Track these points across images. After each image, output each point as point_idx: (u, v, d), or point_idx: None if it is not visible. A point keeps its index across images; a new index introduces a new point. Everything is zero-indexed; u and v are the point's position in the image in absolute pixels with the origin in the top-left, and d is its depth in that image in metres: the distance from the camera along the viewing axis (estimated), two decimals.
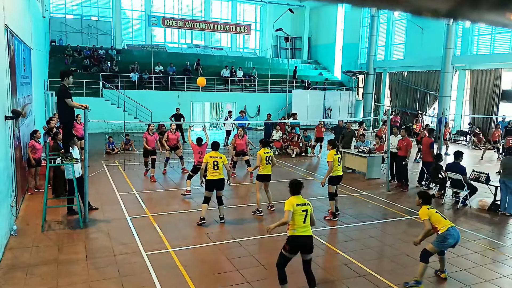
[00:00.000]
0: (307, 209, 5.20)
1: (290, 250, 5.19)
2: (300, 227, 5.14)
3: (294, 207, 5.15)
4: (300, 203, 5.21)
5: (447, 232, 5.79)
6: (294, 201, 5.23)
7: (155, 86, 23.85)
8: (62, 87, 7.69)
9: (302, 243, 5.17)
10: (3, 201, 6.79)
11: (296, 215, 5.15)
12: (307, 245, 5.20)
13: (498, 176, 12.53)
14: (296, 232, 5.14)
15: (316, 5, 32.26)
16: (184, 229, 7.98)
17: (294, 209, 5.14)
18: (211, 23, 30.92)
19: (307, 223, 5.18)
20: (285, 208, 5.20)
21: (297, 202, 5.21)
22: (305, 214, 5.17)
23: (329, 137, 16.81)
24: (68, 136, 8.10)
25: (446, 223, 5.88)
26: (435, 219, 5.90)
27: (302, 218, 5.15)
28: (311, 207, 5.28)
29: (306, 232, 5.18)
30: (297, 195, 5.33)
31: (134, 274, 6.04)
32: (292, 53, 33.80)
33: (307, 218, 5.19)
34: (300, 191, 5.35)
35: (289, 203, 5.20)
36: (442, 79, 21.78)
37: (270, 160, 8.87)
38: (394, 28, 26.83)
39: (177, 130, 13.38)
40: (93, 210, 8.69)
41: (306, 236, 5.17)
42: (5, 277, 5.83)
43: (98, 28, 27.44)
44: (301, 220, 5.15)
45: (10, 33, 8.18)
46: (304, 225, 5.15)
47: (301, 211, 5.16)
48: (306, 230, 5.18)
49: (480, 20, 1.38)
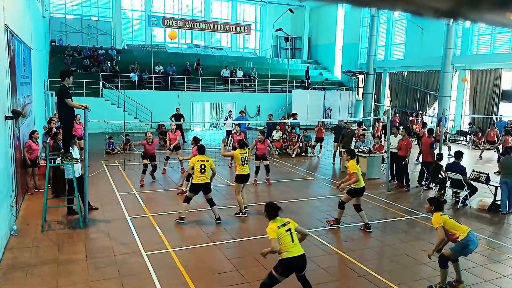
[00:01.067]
0: (289, 227, 5.00)
1: (282, 272, 4.91)
2: (291, 247, 4.89)
3: (277, 232, 4.89)
4: (281, 225, 4.98)
5: (467, 238, 5.48)
6: (274, 225, 4.97)
7: (155, 86, 23.85)
8: (62, 87, 7.68)
9: (297, 265, 4.96)
10: (3, 201, 6.79)
11: (283, 237, 4.91)
12: (301, 265, 4.99)
13: (497, 176, 12.57)
14: (288, 254, 4.87)
15: (316, 5, 32.26)
16: (184, 229, 7.98)
17: (277, 233, 4.89)
18: (211, 23, 30.92)
19: (295, 241, 4.96)
20: (269, 237, 4.90)
21: (277, 225, 4.97)
22: (290, 233, 4.96)
23: (329, 137, 16.93)
24: (68, 136, 8.10)
25: (464, 228, 5.56)
26: (451, 225, 5.57)
27: (289, 238, 4.93)
28: (293, 223, 5.09)
29: (298, 251, 4.93)
30: (274, 218, 5.08)
31: (134, 274, 6.04)
32: (292, 53, 33.80)
33: (294, 236, 4.97)
34: (277, 214, 5.10)
35: (271, 230, 4.93)
36: (442, 79, 21.78)
37: (246, 160, 8.82)
38: (394, 28, 26.83)
39: (177, 130, 13.33)
40: (93, 210, 8.69)
41: (299, 256, 4.92)
42: (5, 277, 5.83)
43: (98, 28, 27.45)
44: (289, 240, 4.92)
45: (10, 33, 8.18)
46: (294, 244, 4.92)
47: (285, 231, 4.94)
48: (297, 249, 4.94)
49: (480, 20, 1.38)
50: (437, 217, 5.62)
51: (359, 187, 7.90)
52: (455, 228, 5.57)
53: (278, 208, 5.15)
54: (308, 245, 7.36)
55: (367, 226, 8.11)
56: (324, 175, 13.27)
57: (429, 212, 5.89)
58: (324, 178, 12.82)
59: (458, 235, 5.52)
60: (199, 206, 9.40)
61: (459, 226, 5.61)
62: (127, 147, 16.23)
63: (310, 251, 7.05)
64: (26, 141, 9.87)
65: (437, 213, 5.69)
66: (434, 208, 5.75)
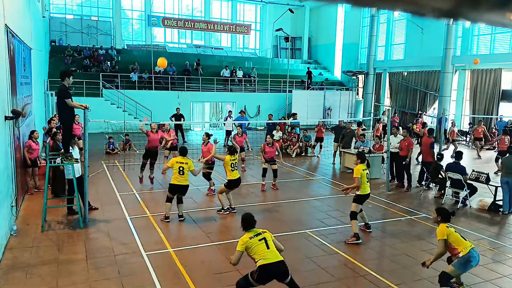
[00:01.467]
0: (264, 237, 4.89)
1: (257, 279, 4.74)
2: (266, 253, 4.77)
3: (248, 243, 4.82)
4: (254, 235, 4.89)
5: (469, 254, 5.32)
6: (246, 236, 4.91)
7: (155, 86, 23.85)
8: (62, 87, 7.68)
9: (274, 272, 4.77)
10: (3, 201, 6.79)
11: (255, 247, 4.82)
12: (280, 272, 4.79)
13: (496, 176, 12.56)
14: (264, 261, 4.72)
15: (316, 5, 32.26)
16: (184, 229, 7.98)
17: (248, 244, 4.82)
18: (211, 23, 30.92)
19: (271, 248, 4.83)
20: (236, 248, 4.88)
21: (250, 236, 4.89)
22: (265, 241, 4.84)
23: (329, 137, 16.93)
24: (68, 136, 8.10)
25: (467, 244, 5.40)
26: (454, 239, 5.39)
27: (263, 246, 4.81)
28: (269, 233, 4.98)
29: (275, 258, 4.76)
30: (250, 229, 5.00)
31: (134, 274, 6.04)
32: (292, 53, 33.80)
33: (270, 244, 4.85)
34: (253, 225, 5.03)
35: (241, 241, 4.90)
36: (442, 79, 21.78)
37: (235, 166, 8.87)
38: (394, 28, 26.83)
39: (170, 129, 13.13)
40: (93, 210, 8.69)
41: (277, 262, 4.73)
42: (5, 277, 5.83)
43: (98, 28, 27.45)
44: (263, 247, 4.80)
45: (10, 33, 8.18)
46: (269, 251, 4.79)
47: (258, 241, 4.84)
48: (274, 255, 4.78)
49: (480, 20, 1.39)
50: (442, 229, 5.44)
51: (364, 193, 7.54)
52: (458, 243, 5.40)
53: (253, 221, 5.06)
54: (308, 245, 7.38)
55: (367, 226, 8.10)
56: (324, 175, 13.27)
57: (436, 222, 5.70)
58: (324, 178, 12.82)
59: (460, 250, 5.36)
60: (199, 206, 9.40)
61: (463, 242, 5.42)
62: (127, 147, 16.24)
63: (310, 251, 7.07)
64: (26, 141, 9.87)
65: (444, 224, 5.51)
66: (441, 219, 5.56)
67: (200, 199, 9.97)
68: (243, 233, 5.04)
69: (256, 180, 11.81)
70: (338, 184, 11.95)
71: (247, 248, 4.85)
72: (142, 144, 16.64)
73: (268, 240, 4.87)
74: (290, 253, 7.04)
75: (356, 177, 7.43)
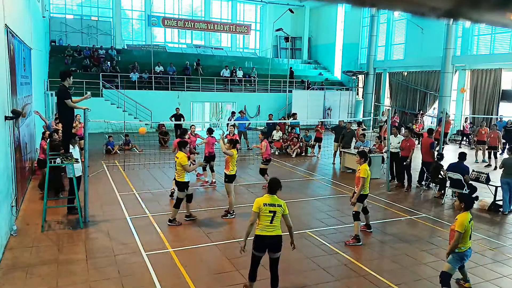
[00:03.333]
0: (275, 210, 5.13)
1: (254, 247, 5.19)
2: (267, 226, 5.12)
3: (260, 207, 5.12)
4: (269, 203, 5.16)
5: (465, 253, 5.42)
6: (262, 201, 5.19)
7: (155, 86, 23.85)
8: (62, 88, 7.68)
9: (268, 243, 5.15)
10: (3, 201, 6.79)
11: (262, 216, 5.12)
12: (272, 244, 5.17)
13: (496, 174, 12.54)
14: (260, 232, 5.13)
15: (316, 5, 32.26)
16: (184, 229, 7.98)
17: (260, 208, 5.12)
18: (211, 23, 30.91)
19: (274, 223, 5.13)
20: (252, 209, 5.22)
21: (265, 202, 5.16)
22: (273, 215, 5.11)
23: (329, 137, 16.93)
24: (68, 136, 8.10)
25: (469, 243, 5.47)
26: (466, 235, 5.35)
27: (268, 218, 5.11)
28: (282, 208, 5.18)
29: (273, 232, 5.13)
30: (272, 194, 5.27)
31: (134, 274, 6.04)
32: (292, 53, 33.80)
33: (275, 219, 5.13)
34: (275, 191, 5.29)
35: (256, 202, 5.20)
36: (442, 79, 21.78)
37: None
38: (394, 28, 26.83)
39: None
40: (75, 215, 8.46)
41: (272, 236, 5.13)
42: (5, 277, 5.83)
43: (98, 28, 27.44)
44: (267, 220, 5.12)
45: (10, 33, 8.18)
46: (271, 225, 5.12)
47: (268, 212, 5.11)
48: (273, 230, 5.13)
49: (480, 20, 1.39)
50: (465, 221, 5.31)
51: (364, 193, 7.50)
52: (465, 240, 5.36)
53: (278, 186, 5.33)
54: (308, 245, 7.37)
55: (367, 226, 8.10)
56: (324, 175, 13.27)
57: (458, 210, 5.56)
58: (324, 178, 12.82)
59: (461, 246, 5.38)
60: (199, 206, 9.39)
61: (468, 240, 5.42)
62: (128, 148, 16.16)
63: (310, 251, 7.07)
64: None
65: (467, 214, 5.39)
66: (464, 206, 5.43)
67: (200, 199, 9.97)
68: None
69: (255, 180, 11.81)
70: (338, 184, 11.97)
71: (260, 210, 5.14)
72: (142, 144, 16.69)
73: (276, 216, 5.13)
74: (290, 253, 7.05)
75: (363, 177, 7.31)
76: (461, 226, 5.29)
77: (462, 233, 5.29)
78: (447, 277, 5.45)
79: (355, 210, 7.50)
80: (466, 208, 5.45)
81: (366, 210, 8.00)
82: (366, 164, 7.46)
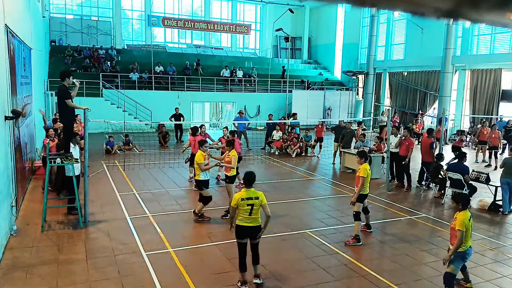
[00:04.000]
0: (253, 203, 5.42)
1: (237, 236, 5.60)
2: (246, 218, 5.46)
3: (238, 202, 5.43)
4: (246, 197, 5.44)
5: (467, 252, 5.40)
6: (240, 195, 5.47)
7: (155, 86, 23.85)
8: (62, 88, 7.69)
9: (248, 232, 5.54)
10: (3, 201, 6.79)
11: (241, 209, 5.44)
12: (252, 233, 5.55)
13: (496, 174, 12.54)
14: (240, 222, 5.51)
15: (316, 5, 32.25)
16: (184, 229, 7.98)
17: (238, 203, 5.43)
18: (211, 23, 30.91)
19: (253, 215, 5.45)
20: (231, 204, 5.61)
21: (242, 197, 5.45)
22: (251, 208, 5.42)
23: (330, 137, 16.92)
24: (68, 136, 8.10)
25: (470, 241, 5.45)
26: (467, 234, 5.30)
27: (247, 211, 5.43)
28: (260, 200, 5.46)
29: (251, 223, 5.48)
30: (249, 188, 5.54)
31: (134, 274, 6.04)
32: (292, 53, 33.79)
33: (254, 211, 5.44)
34: (251, 184, 5.56)
35: (234, 199, 5.53)
36: (442, 79, 21.77)
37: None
38: (394, 28, 26.83)
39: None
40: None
41: (251, 226, 5.49)
42: (5, 277, 5.83)
43: (98, 28, 27.43)
44: (246, 213, 5.45)
45: (10, 33, 8.18)
46: (250, 217, 5.45)
47: (246, 205, 5.42)
48: (252, 221, 5.48)
49: (480, 20, 1.39)
50: (465, 219, 5.27)
51: (364, 193, 7.46)
52: (466, 239, 5.32)
53: (253, 179, 5.61)
54: (308, 245, 7.38)
55: (367, 226, 8.10)
56: (324, 175, 13.27)
57: (457, 211, 5.50)
58: (324, 178, 12.82)
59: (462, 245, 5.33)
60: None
61: (469, 239, 5.39)
62: (129, 148, 16.15)
63: (310, 251, 7.07)
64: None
65: (466, 213, 5.35)
66: (462, 206, 5.39)
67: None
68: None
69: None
70: (338, 184, 11.97)
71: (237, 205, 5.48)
72: (142, 144, 16.69)
73: (254, 208, 5.45)
74: (290, 253, 7.06)
75: (363, 177, 7.29)
76: (462, 224, 5.27)
77: (464, 231, 5.25)
78: (451, 278, 5.42)
79: (355, 210, 7.49)
80: (463, 207, 5.43)
81: (367, 210, 8.00)
82: (366, 163, 7.45)
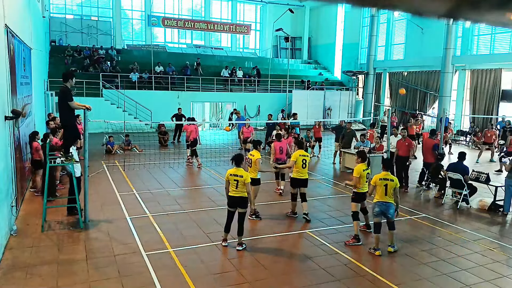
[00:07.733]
0: (237, 179, 6.78)
1: (227, 205, 7.03)
2: (233, 190, 6.85)
3: (228, 177, 6.88)
4: (233, 173, 6.85)
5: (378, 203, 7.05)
6: (229, 172, 6.90)
7: (155, 86, 23.85)
8: (64, 89, 7.65)
9: (234, 201, 6.89)
10: (3, 201, 6.79)
11: (230, 182, 6.86)
12: (238, 202, 6.87)
13: (496, 175, 12.55)
14: (230, 193, 6.90)
15: (316, 5, 32.26)
16: (184, 229, 7.98)
17: (228, 177, 6.88)
18: (211, 23, 30.92)
19: (239, 188, 6.80)
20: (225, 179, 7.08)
21: (231, 173, 6.86)
22: (237, 183, 6.78)
23: (330, 137, 16.92)
24: (70, 137, 8.07)
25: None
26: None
27: (234, 184, 6.82)
28: (244, 178, 6.75)
29: (237, 193, 6.83)
30: (238, 167, 6.91)
31: (134, 274, 6.04)
32: (292, 53, 33.80)
33: (239, 185, 6.78)
34: (239, 164, 6.92)
35: (226, 174, 6.96)
36: (442, 79, 21.78)
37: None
38: (394, 28, 26.84)
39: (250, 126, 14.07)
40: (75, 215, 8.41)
41: (237, 196, 6.84)
42: (5, 277, 5.83)
43: (98, 28, 27.44)
44: (234, 186, 6.83)
45: (10, 33, 8.18)
46: (236, 190, 6.83)
47: (233, 180, 6.83)
48: (237, 193, 6.83)
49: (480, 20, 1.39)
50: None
51: (361, 191, 7.53)
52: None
53: (241, 160, 7.02)
54: (308, 245, 7.38)
55: (367, 226, 8.10)
56: (324, 175, 13.26)
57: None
58: (324, 178, 12.82)
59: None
60: (199, 206, 9.40)
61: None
62: (130, 149, 16.15)
63: (310, 251, 7.07)
64: (28, 141, 9.82)
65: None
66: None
67: (200, 199, 9.97)
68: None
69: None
70: (338, 184, 11.95)
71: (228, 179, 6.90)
72: (142, 144, 16.69)
73: (239, 183, 6.80)
74: (290, 253, 7.06)
75: (355, 177, 7.46)
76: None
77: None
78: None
79: (352, 210, 7.58)
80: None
81: (365, 211, 8.01)
82: (363, 164, 7.55)
